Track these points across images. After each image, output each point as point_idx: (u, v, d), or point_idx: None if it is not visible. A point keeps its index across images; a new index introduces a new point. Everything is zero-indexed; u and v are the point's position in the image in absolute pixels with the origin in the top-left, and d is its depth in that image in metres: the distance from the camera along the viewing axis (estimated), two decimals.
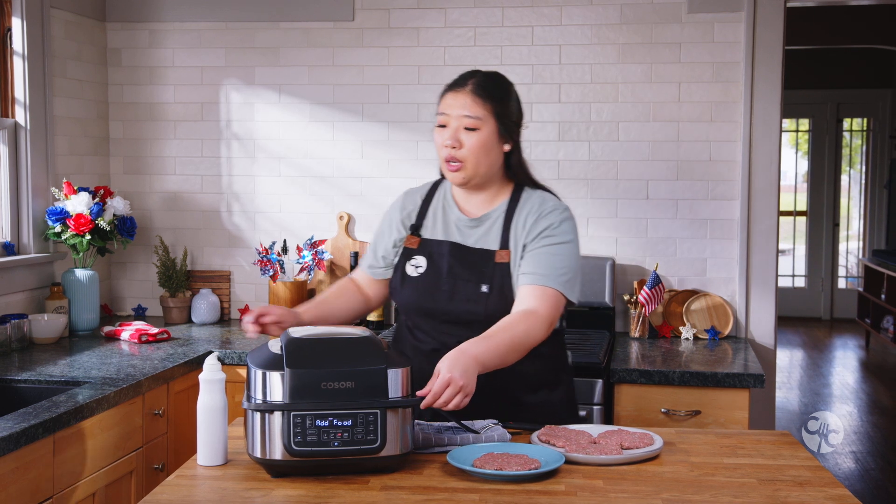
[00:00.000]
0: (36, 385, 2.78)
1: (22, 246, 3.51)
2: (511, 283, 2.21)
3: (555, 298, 2.15)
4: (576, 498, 1.76)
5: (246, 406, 1.87)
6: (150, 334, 3.40)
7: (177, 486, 1.84)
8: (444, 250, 2.26)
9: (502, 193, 2.29)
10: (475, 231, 2.27)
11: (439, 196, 2.34)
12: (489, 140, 2.19)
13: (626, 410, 3.11)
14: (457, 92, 2.20)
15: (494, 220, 2.26)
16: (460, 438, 2.05)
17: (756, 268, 3.68)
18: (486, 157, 2.20)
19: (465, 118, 2.17)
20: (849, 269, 10.24)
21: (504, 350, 2.05)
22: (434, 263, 2.25)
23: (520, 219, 2.24)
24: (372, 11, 3.83)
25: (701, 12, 3.65)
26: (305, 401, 1.83)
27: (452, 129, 2.18)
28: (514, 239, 2.23)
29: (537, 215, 2.23)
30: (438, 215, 2.31)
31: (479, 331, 2.11)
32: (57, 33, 3.65)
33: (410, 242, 2.30)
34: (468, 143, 2.18)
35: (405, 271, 2.29)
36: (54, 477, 2.38)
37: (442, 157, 2.21)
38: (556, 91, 3.75)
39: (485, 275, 2.21)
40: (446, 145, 2.19)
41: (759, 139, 3.64)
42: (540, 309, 2.12)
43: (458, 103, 2.18)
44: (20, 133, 3.49)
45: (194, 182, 3.99)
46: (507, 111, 2.23)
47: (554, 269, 2.17)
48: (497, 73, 2.29)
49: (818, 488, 1.83)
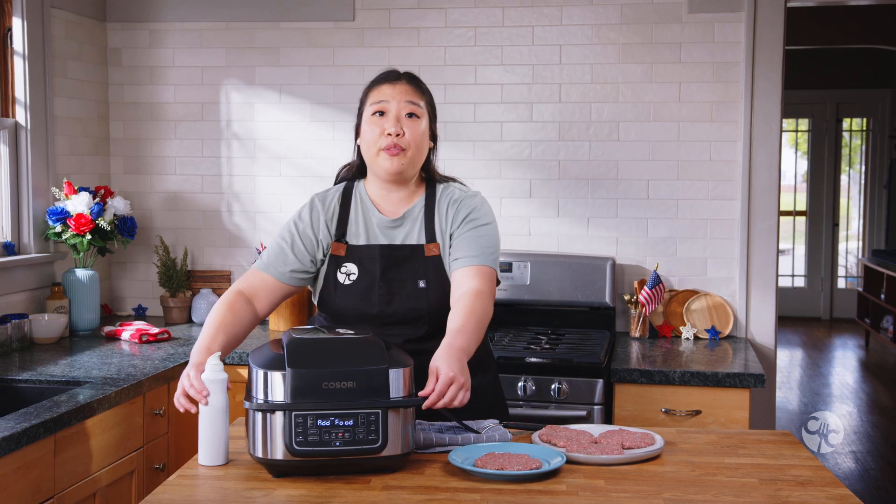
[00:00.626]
0: (37, 385, 2.78)
1: (22, 246, 3.52)
2: (445, 273, 2.24)
3: (491, 276, 2.20)
4: (577, 498, 1.76)
5: (247, 406, 1.87)
6: (151, 334, 3.40)
7: (178, 485, 1.84)
8: (374, 254, 2.25)
9: (418, 191, 2.31)
10: (399, 231, 2.27)
11: (356, 200, 2.31)
12: (426, 132, 2.24)
13: (626, 410, 3.11)
14: (394, 83, 2.22)
15: (416, 217, 2.27)
16: (461, 438, 2.06)
17: (756, 268, 3.68)
18: (423, 148, 2.24)
19: (408, 104, 2.19)
20: (848, 269, 10.24)
21: (478, 333, 2.08)
22: (365, 269, 2.24)
23: (441, 211, 2.27)
24: (372, 11, 3.84)
25: (701, 12, 3.65)
26: (307, 400, 1.83)
27: (394, 114, 2.18)
28: (439, 231, 2.26)
29: (458, 205, 2.26)
30: (360, 220, 2.29)
31: (423, 326, 2.18)
32: (57, 33, 3.65)
33: (337, 250, 2.26)
34: (411, 131, 2.19)
35: (336, 279, 2.26)
36: (55, 477, 2.38)
37: (379, 146, 2.18)
38: (557, 91, 3.75)
39: (419, 270, 2.23)
40: (389, 133, 2.17)
41: (760, 139, 3.64)
42: (483, 287, 2.16)
43: (398, 91, 2.20)
44: (21, 133, 3.49)
45: (195, 182, 3.99)
46: (434, 109, 2.29)
47: (484, 249, 2.21)
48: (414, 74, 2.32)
49: (820, 488, 1.83)
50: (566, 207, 3.77)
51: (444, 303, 2.21)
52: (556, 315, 3.64)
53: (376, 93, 2.23)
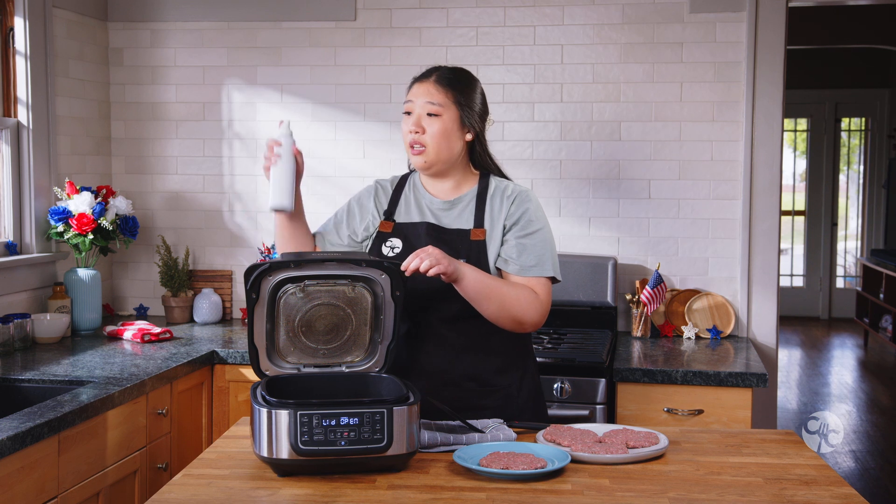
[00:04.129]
0: (40, 385, 2.78)
1: (24, 245, 3.51)
2: (487, 259, 2.29)
3: (549, 285, 2.29)
4: (583, 497, 1.76)
5: (253, 404, 1.87)
6: (153, 334, 3.40)
7: (184, 485, 1.84)
8: (420, 231, 2.33)
9: (468, 181, 2.39)
10: (449, 213, 2.35)
11: (409, 185, 2.44)
12: (450, 127, 2.31)
13: (628, 410, 3.11)
14: (421, 82, 2.33)
15: (467, 204, 2.35)
16: (466, 438, 2.06)
17: (757, 267, 3.69)
18: (447, 143, 2.31)
19: (427, 104, 2.30)
20: (847, 269, 10.25)
21: (489, 287, 2.18)
22: (410, 244, 2.32)
23: (494, 201, 2.34)
24: (374, 11, 3.84)
25: (703, 12, 3.65)
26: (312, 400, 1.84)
27: (416, 116, 2.30)
28: (489, 219, 2.33)
29: (513, 201, 2.33)
30: (410, 200, 2.40)
31: (456, 305, 2.23)
32: (59, 33, 3.65)
33: (384, 227, 2.38)
34: (430, 129, 2.29)
35: (380, 252, 2.35)
36: (59, 476, 2.38)
37: (407, 142, 2.32)
38: (559, 91, 3.75)
39: (461, 251, 2.28)
40: (411, 130, 2.30)
41: (761, 139, 3.64)
42: (541, 294, 2.26)
43: (422, 91, 2.31)
44: (23, 133, 3.49)
45: (196, 182, 3.99)
46: (470, 101, 2.34)
47: (540, 257, 2.29)
48: (461, 68, 2.41)
49: (824, 487, 1.83)
50: (568, 207, 3.78)
51: None
52: (557, 314, 3.64)
53: (408, 93, 2.36)
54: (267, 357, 2.07)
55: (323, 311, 2.08)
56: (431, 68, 2.38)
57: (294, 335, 2.09)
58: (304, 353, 2.11)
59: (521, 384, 2.37)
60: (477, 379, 2.31)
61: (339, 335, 2.11)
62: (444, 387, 2.28)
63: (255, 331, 2.04)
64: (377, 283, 2.08)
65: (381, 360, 2.13)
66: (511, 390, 2.34)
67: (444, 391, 2.27)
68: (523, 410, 2.35)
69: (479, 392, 2.30)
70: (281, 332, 2.08)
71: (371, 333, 2.13)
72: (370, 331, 2.13)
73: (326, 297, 2.07)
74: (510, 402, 2.33)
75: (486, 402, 2.31)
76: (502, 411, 2.30)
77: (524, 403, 2.36)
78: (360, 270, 2.06)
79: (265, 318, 2.04)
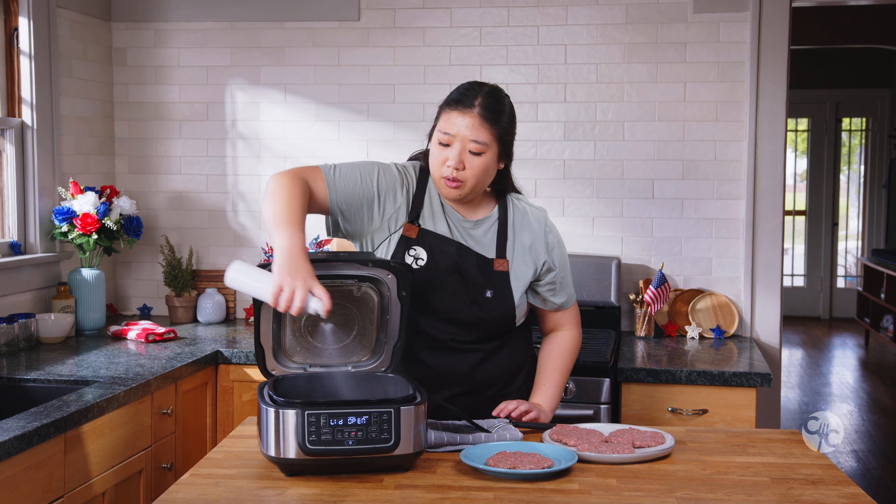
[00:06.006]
0: (45, 384, 2.78)
1: (29, 245, 3.52)
2: (511, 290, 2.27)
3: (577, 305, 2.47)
4: (590, 496, 1.77)
5: (260, 404, 1.87)
6: (157, 334, 3.40)
7: (191, 484, 1.84)
8: (450, 249, 2.25)
9: (488, 201, 2.33)
10: (474, 232, 2.29)
11: (429, 188, 2.30)
12: (490, 163, 2.21)
13: (633, 409, 3.12)
14: (463, 113, 2.17)
15: (489, 227, 2.30)
16: (472, 437, 2.06)
17: (761, 267, 3.69)
18: (486, 178, 2.23)
19: (472, 143, 2.16)
20: (847, 269, 10.25)
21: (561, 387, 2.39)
22: (434, 259, 2.24)
23: (516, 230, 2.31)
24: (377, 11, 3.84)
25: (706, 12, 3.66)
26: (319, 399, 1.84)
27: (457, 151, 2.17)
28: (510, 248, 2.29)
29: (544, 236, 2.34)
30: (436, 208, 2.29)
31: (475, 332, 2.25)
32: (63, 33, 3.65)
33: (409, 231, 2.26)
34: (472, 166, 2.18)
35: (404, 259, 2.27)
36: (65, 476, 2.38)
37: (442, 174, 2.19)
38: (562, 91, 3.75)
39: (489, 280, 2.25)
40: (450, 165, 2.17)
41: (765, 139, 3.65)
42: (576, 317, 2.45)
43: (464, 125, 2.16)
44: (27, 133, 3.49)
45: (200, 181, 4.00)
46: (511, 135, 2.26)
47: (570, 287, 2.43)
48: (497, 90, 2.26)
49: (831, 486, 1.83)
50: (571, 207, 3.78)
51: (503, 314, 2.28)
52: None
53: (446, 120, 2.19)
54: (273, 357, 2.08)
55: None
56: (470, 92, 2.20)
57: (300, 335, 2.09)
58: (310, 352, 2.11)
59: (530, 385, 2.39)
60: (494, 385, 2.32)
61: (345, 335, 2.12)
62: (462, 396, 2.28)
63: (261, 330, 2.04)
64: (383, 283, 2.08)
65: (387, 360, 2.13)
66: (522, 393, 2.36)
67: (463, 400, 2.28)
68: None
69: (498, 397, 2.31)
70: (287, 332, 2.08)
71: (377, 333, 2.13)
72: (376, 331, 2.13)
73: (333, 297, 2.07)
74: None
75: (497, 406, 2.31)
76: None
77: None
78: (367, 270, 2.06)
79: (272, 317, 2.05)
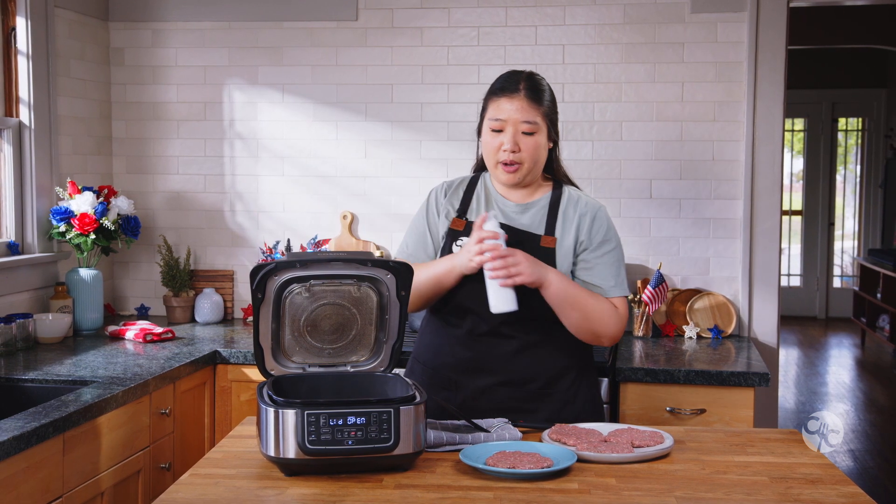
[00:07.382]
0: (43, 384, 2.78)
1: (26, 245, 3.51)
2: (555, 265, 2.27)
3: (626, 303, 2.34)
4: (590, 496, 1.77)
5: (260, 404, 1.87)
6: (155, 334, 3.40)
7: (191, 484, 1.84)
8: None
9: (542, 187, 2.37)
10: (521, 216, 2.33)
11: (481, 186, 2.40)
12: (542, 142, 2.28)
13: (631, 409, 3.12)
14: (511, 98, 2.25)
15: (540, 209, 2.33)
16: (471, 437, 2.06)
17: (759, 267, 3.70)
18: (541, 157, 2.29)
19: (523, 123, 2.24)
20: (843, 269, 10.27)
21: (574, 296, 2.20)
22: None
23: (567, 212, 2.32)
24: (375, 11, 3.84)
25: (704, 12, 3.66)
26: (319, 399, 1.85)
27: (511, 134, 2.24)
28: (560, 228, 2.30)
29: (591, 218, 2.31)
30: (482, 200, 2.37)
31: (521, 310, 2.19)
32: (61, 33, 3.65)
33: (456, 224, 2.34)
34: (526, 146, 2.25)
35: (451, 251, 2.31)
36: (64, 476, 2.38)
37: (497, 160, 2.27)
38: (560, 91, 3.75)
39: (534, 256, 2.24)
40: (505, 149, 2.24)
41: (762, 139, 3.65)
42: (621, 310, 2.29)
43: (514, 108, 2.24)
44: (24, 133, 3.48)
45: (197, 181, 3.99)
46: (553, 112, 2.32)
47: (617, 277, 2.32)
48: (536, 74, 2.33)
49: (830, 486, 1.84)
50: None
51: None
52: None
53: (494, 107, 2.27)
54: (272, 357, 2.08)
55: (328, 310, 2.08)
56: (514, 79, 2.28)
57: (299, 335, 2.09)
58: (310, 352, 2.11)
59: (577, 388, 2.34)
60: (537, 380, 2.29)
61: (344, 335, 2.12)
62: (502, 387, 2.27)
63: (260, 330, 2.04)
64: (383, 283, 2.08)
65: (387, 360, 2.14)
66: (568, 395, 2.31)
67: (503, 391, 2.27)
68: (578, 417, 2.31)
69: (538, 394, 2.28)
70: (286, 332, 2.08)
71: (376, 333, 2.13)
72: (375, 330, 2.13)
73: (332, 297, 2.07)
74: (566, 407, 2.31)
75: (541, 405, 2.29)
76: (558, 415, 2.28)
77: (581, 408, 2.33)
78: (366, 270, 2.06)
79: (270, 317, 2.05)
